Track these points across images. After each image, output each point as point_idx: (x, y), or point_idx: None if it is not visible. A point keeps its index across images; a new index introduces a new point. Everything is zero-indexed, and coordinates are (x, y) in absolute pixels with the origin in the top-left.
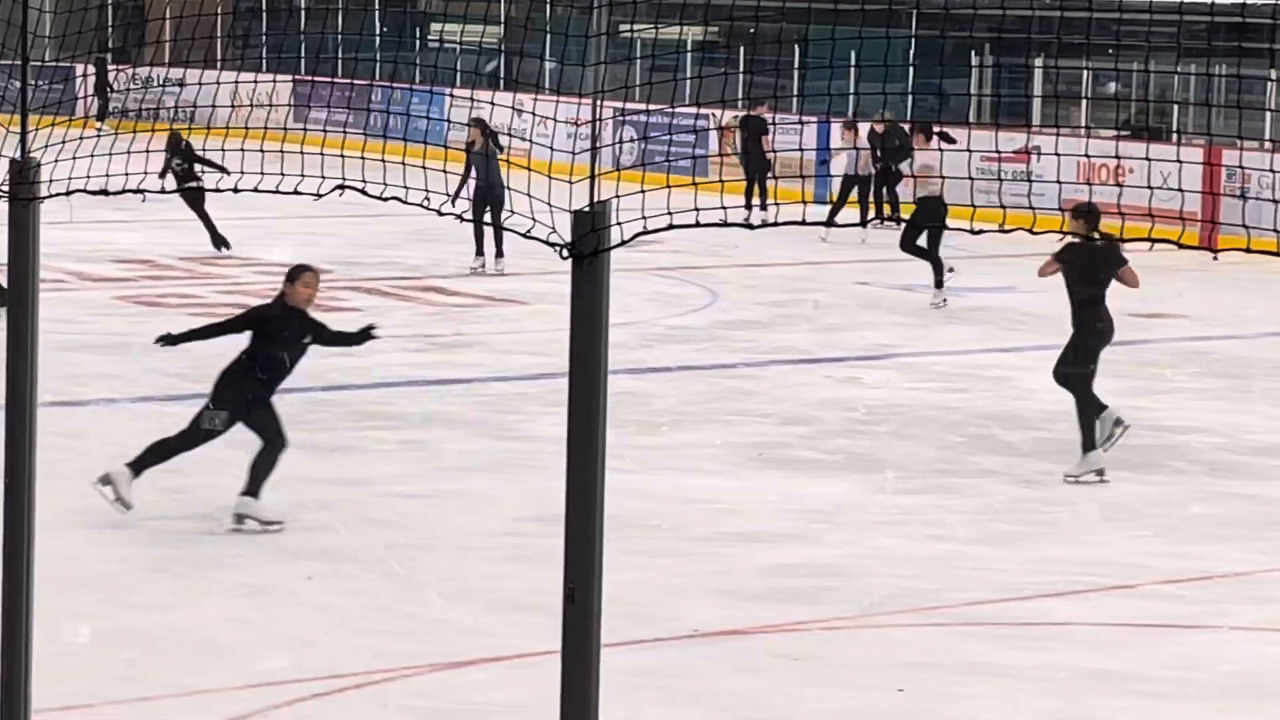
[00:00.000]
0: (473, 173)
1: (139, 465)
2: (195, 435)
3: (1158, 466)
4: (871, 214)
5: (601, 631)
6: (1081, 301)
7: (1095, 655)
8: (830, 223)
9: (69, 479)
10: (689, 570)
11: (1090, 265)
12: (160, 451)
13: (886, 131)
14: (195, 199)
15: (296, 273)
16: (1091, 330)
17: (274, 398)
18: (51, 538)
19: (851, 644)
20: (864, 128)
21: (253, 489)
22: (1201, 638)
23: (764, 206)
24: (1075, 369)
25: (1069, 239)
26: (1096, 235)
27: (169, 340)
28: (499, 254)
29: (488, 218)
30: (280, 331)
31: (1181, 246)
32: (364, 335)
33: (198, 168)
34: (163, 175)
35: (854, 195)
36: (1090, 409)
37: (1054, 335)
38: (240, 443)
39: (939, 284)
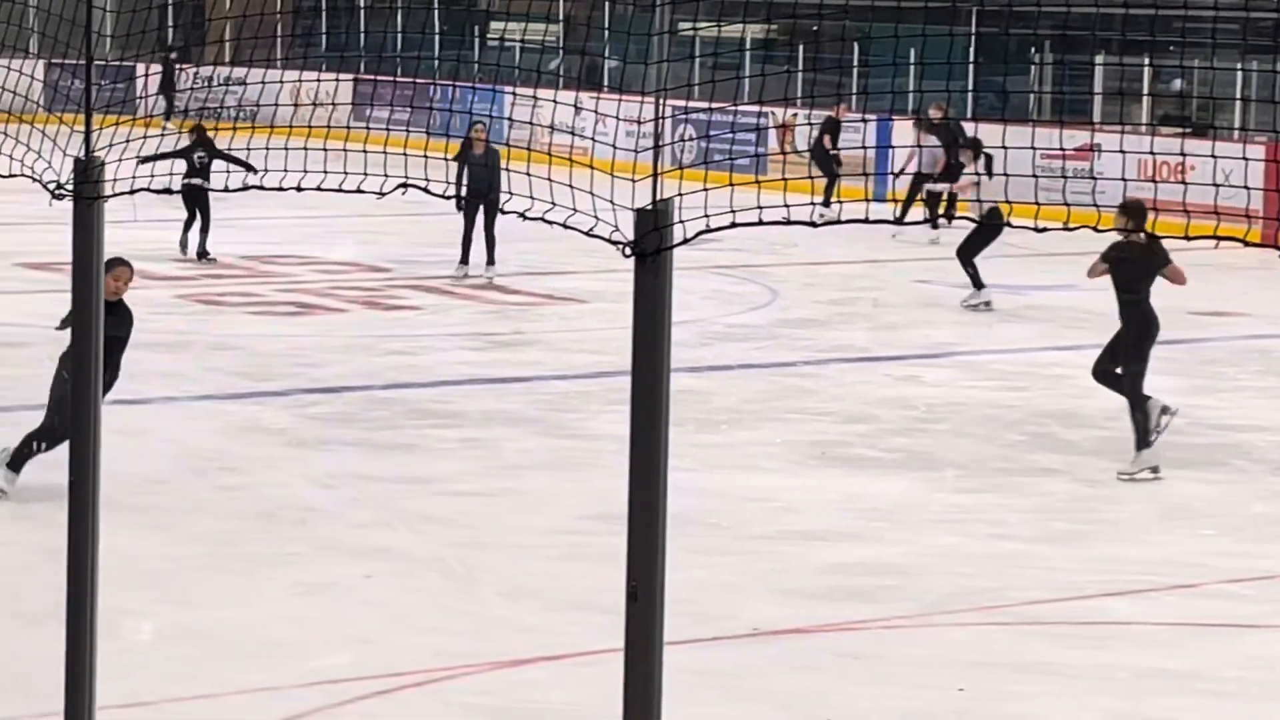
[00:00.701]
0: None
1: (18, 461)
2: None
3: (1220, 465)
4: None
5: (664, 630)
6: (1126, 301)
7: (1157, 655)
8: (901, 221)
9: (130, 477)
10: (748, 569)
11: (1134, 264)
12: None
13: (942, 124)
14: (201, 197)
15: (108, 265)
16: (1138, 328)
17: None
18: (112, 535)
19: (911, 643)
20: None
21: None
22: (1264, 637)
23: (826, 204)
24: (1128, 367)
25: (1115, 238)
26: (1142, 234)
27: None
28: (490, 261)
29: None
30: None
31: (1247, 244)
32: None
33: (214, 164)
34: (149, 160)
35: (922, 194)
36: (1141, 406)
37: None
38: (300, 441)
39: (978, 285)
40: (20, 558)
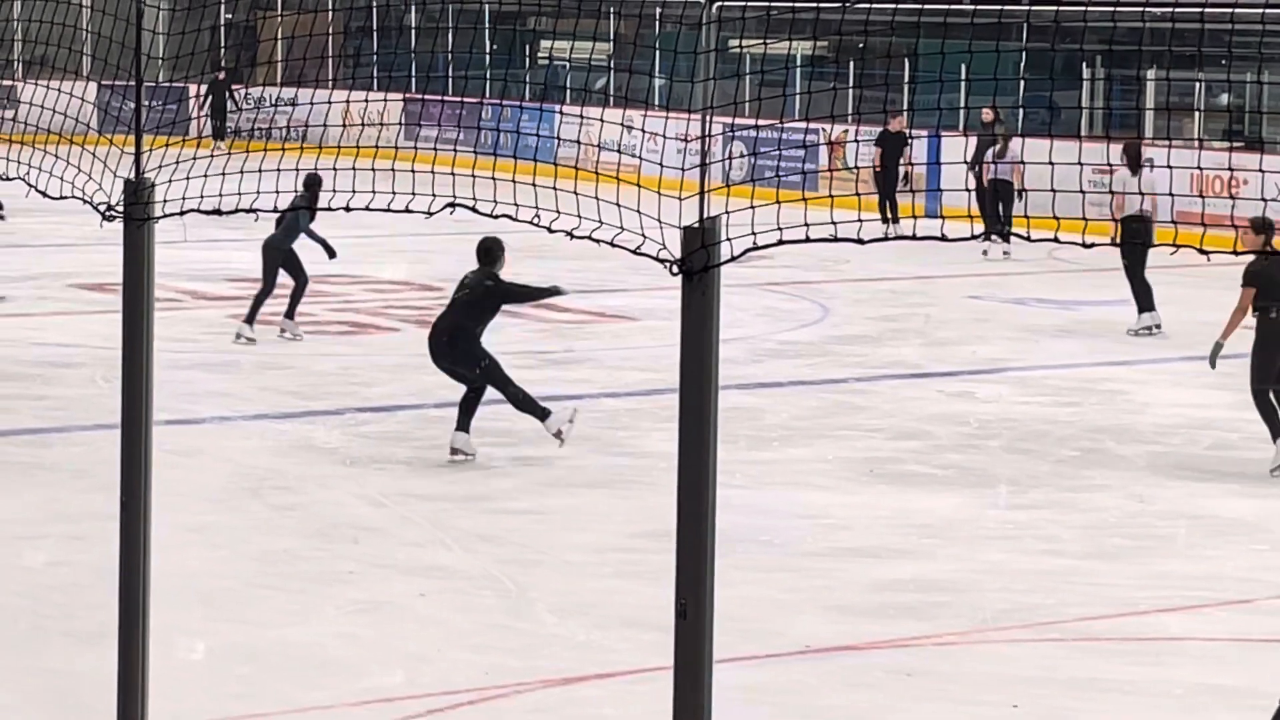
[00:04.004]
0: None
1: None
2: None
3: (1273, 481)
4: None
5: (714, 647)
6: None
7: (1211, 671)
8: (1000, 233)
9: (184, 496)
10: (800, 585)
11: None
12: None
13: (995, 121)
14: None
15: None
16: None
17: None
18: (166, 554)
19: (965, 660)
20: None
21: None
22: None
23: (896, 220)
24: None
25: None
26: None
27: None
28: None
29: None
30: None
31: None
32: None
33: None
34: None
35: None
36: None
37: (1167, 349)
38: (353, 460)
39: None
40: (74, 577)
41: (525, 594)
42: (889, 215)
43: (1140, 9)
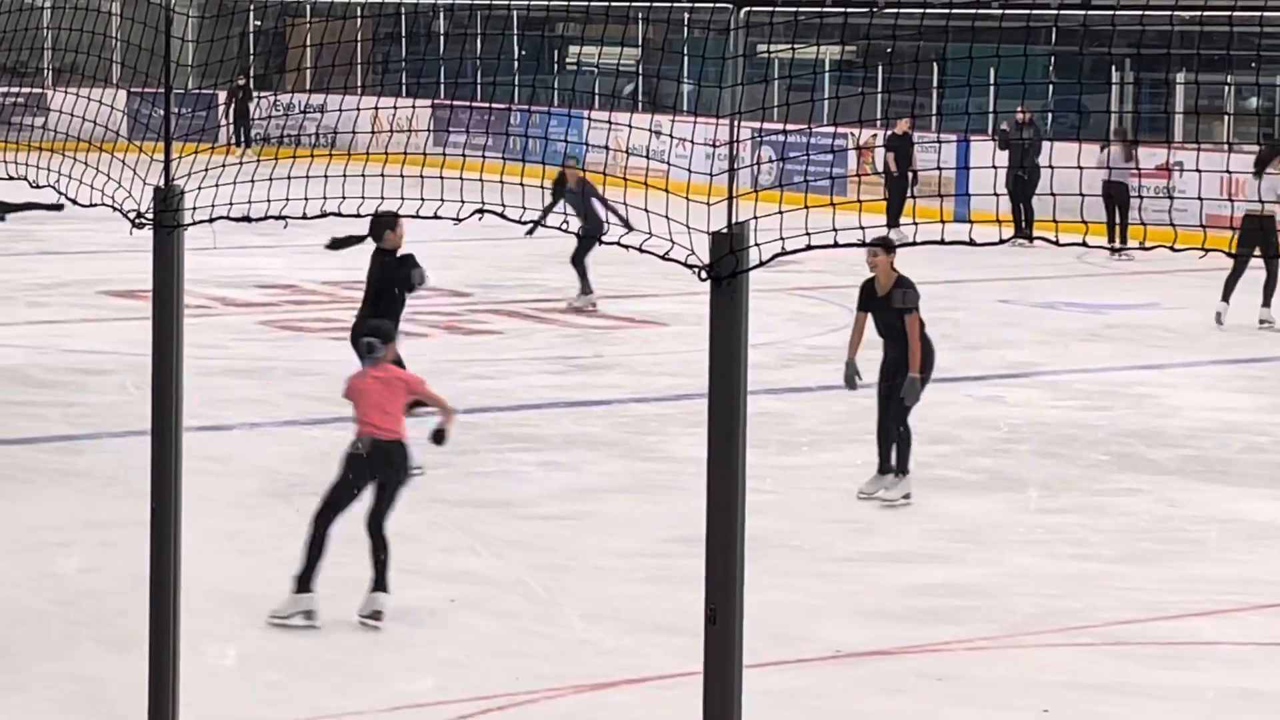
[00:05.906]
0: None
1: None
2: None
3: None
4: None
5: (743, 652)
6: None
7: (1243, 675)
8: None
9: (214, 502)
10: (830, 590)
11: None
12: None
13: (1029, 122)
14: None
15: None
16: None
17: None
18: (196, 560)
19: (996, 664)
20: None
21: None
22: None
23: (896, 225)
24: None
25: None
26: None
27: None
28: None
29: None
30: None
31: None
32: None
33: None
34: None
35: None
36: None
37: (1198, 352)
38: None
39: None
40: (105, 583)
41: (555, 599)
42: (894, 220)
43: (1169, 12)
